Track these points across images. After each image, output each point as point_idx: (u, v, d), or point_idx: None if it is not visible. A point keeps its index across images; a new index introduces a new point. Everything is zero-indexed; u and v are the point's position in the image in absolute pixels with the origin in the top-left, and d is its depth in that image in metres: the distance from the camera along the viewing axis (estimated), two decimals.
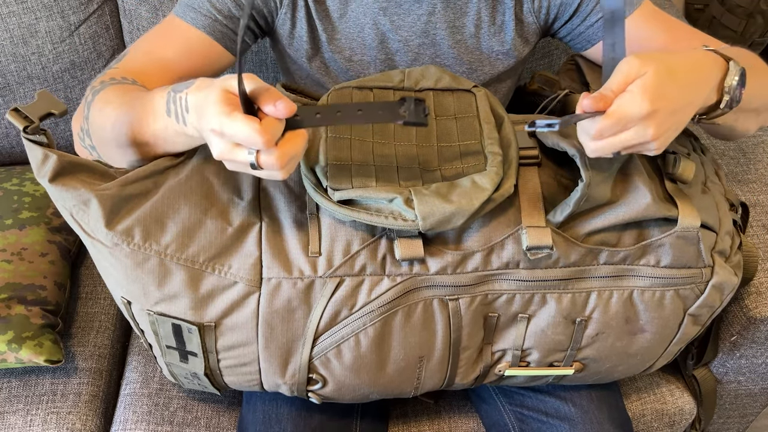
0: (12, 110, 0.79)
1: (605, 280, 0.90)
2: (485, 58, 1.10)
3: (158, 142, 0.83)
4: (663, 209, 0.87)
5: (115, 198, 0.82)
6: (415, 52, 1.09)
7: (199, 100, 0.73)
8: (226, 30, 1.03)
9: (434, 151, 0.89)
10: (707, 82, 0.83)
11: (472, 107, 0.93)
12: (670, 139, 0.79)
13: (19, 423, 1.15)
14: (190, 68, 1.02)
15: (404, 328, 0.89)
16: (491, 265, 0.87)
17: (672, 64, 0.77)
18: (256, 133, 0.68)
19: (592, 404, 1.09)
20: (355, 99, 0.92)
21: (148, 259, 0.83)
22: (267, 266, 0.85)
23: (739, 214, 1.00)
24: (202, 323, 0.87)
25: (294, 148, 0.71)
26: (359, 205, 0.82)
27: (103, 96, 0.88)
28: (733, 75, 0.84)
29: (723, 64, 0.85)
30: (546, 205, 0.88)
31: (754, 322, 1.13)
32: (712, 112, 0.88)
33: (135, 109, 0.82)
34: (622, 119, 0.75)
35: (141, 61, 0.99)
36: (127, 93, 0.87)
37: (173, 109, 0.77)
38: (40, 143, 0.80)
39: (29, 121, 0.79)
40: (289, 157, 0.71)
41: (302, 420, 1.05)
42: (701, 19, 2.17)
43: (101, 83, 0.91)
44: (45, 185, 0.82)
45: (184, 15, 1.02)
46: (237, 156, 0.71)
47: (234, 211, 0.85)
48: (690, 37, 1.06)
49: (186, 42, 1.02)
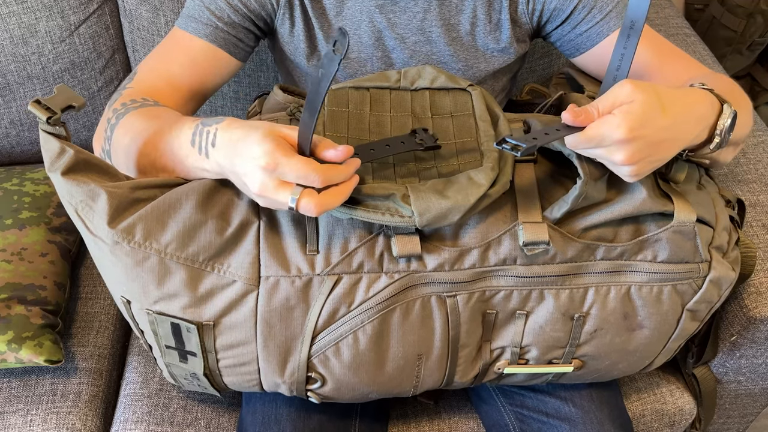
0: (34, 101, 0.79)
1: (603, 276, 0.90)
2: (481, 56, 1.11)
3: (177, 168, 0.86)
4: (659, 204, 0.88)
5: (123, 198, 0.83)
6: (411, 50, 1.09)
7: (234, 137, 0.76)
8: (228, 36, 1.05)
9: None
10: (700, 121, 0.84)
11: (468, 105, 0.93)
12: (646, 169, 0.80)
13: (19, 423, 1.15)
14: (197, 79, 1.05)
15: (402, 326, 0.89)
16: (488, 261, 0.87)
17: (665, 97, 0.79)
18: (314, 172, 0.72)
19: (592, 404, 1.09)
20: (352, 99, 0.92)
21: (148, 258, 0.84)
22: (265, 264, 0.85)
23: (736, 211, 1.01)
24: (201, 322, 0.87)
25: (334, 202, 0.75)
26: (356, 202, 0.82)
27: (127, 121, 0.91)
28: (726, 118, 0.86)
29: (718, 106, 0.86)
30: (542, 201, 0.88)
31: (754, 322, 1.13)
32: (700, 150, 0.89)
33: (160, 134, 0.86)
34: (594, 138, 0.76)
35: (149, 79, 1.02)
36: (153, 118, 0.90)
37: (197, 141, 0.80)
38: (58, 135, 0.81)
39: (51, 113, 0.79)
40: (326, 208, 0.75)
41: (301, 421, 1.05)
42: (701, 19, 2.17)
43: (123, 105, 0.94)
44: (55, 178, 0.83)
45: (186, 26, 1.05)
46: (279, 196, 0.74)
47: (233, 211, 0.85)
48: (676, 61, 1.07)
49: (189, 53, 1.04)
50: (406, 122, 0.91)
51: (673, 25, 1.63)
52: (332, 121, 0.89)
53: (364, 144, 0.82)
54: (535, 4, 1.08)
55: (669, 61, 1.07)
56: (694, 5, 2.19)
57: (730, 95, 0.90)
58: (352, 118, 0.91)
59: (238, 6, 1.04)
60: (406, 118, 0.92)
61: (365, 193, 0.81)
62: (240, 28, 1.06)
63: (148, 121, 0.89)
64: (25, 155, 1.48)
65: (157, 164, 0.87)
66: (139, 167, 0.89)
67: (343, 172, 0.75)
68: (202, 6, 1.04)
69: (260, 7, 1.06)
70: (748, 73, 2.27)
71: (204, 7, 1.04)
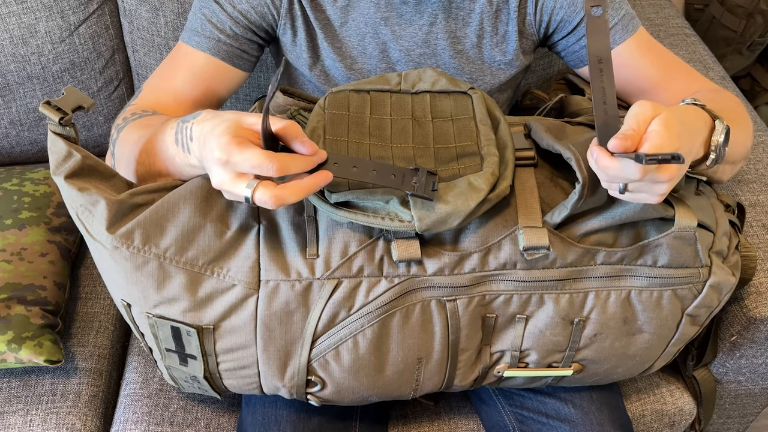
0: (44, 103, 0.79)
1: (603, 281, 0.90)
2: (486, 68, 1.11)
3: (170, 170, 0.86)
4: (660, 209, 0.88)
5: (122, 204, 0.83)
6: (416, 62, 1.09)
7: (204, 130, 0.76)
8: (231, 48, 1.05)
9: (431, 152, 0.89)
10: (696, 136, 0.84)
11: (469, 109, 0.93)
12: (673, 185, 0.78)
13: (19, 423, 1.15)
14: (201, 92, 1.06)
15: (402, 330, 0.89)
16: (488, 265, 0.87)
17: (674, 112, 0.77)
18: (267, 160, 0.70)
19: (592, 405, 1.09)
20: (352, 102, 0.92)
21: (148, 263, 0.84)
22: (265, 269, 0.85)
23: (735, 215, 1.00)
24: (201, 326, 0.88)
25: (292, 196, 0.73)
26: (356, 206, 0.82)
27: (125, 133, 0.92)
28: (719, 133, 0.85)
29: (710, 122, 0.86)
30: (543, 206, 0.88)
31: (754, 322, 1.13)
32: (698, 166, 0.89)
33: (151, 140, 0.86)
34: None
35: (154, 96, 1.03)
36: (145, 127, 0.90)
37: (180, 139, 0.81)
38: (68, 137, 0.81)
39: (63, 113, 0.79)
40: (284, 201, 0.72)
41: (301, 422, 1.05)
42: (701, 19, 2.17)
43: (123, 120, 0.95)
44: (59, 181, 0.83)
45: (189, 40, 1.06)
46: (235, 188, 0.73)
47: (232, 215, 0.85)
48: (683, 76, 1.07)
49: (192, 67, 1.05)
50: (406, 125, 0.91)
51: (673, 25, 1.63)
52: (332, 125, 0.89)
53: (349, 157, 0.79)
54: (542, 15, 1.08)
55: (675, 76, 1.07)
56: (694, 5, 2.18)
57: (729, 113, 0.89)
58: (353, 121, 0.90)
59: (238, 18, 1.04)
60: (406, 122, 0.92)
61: (365, 197, 0.81)
62: (243, 40, 1.06)
63: (142, 130, 0.90)
64: (25, 155, 1.48)
65: (153, 170, 0.88)
66: (138, 176, 0.90)
67: (302, 162, 0.74)
68: (204, 19, 1.04)
69: (261, 18, 1.06)
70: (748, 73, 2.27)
71: (206, 20, 1.04)
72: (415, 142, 0.89)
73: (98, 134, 1.47)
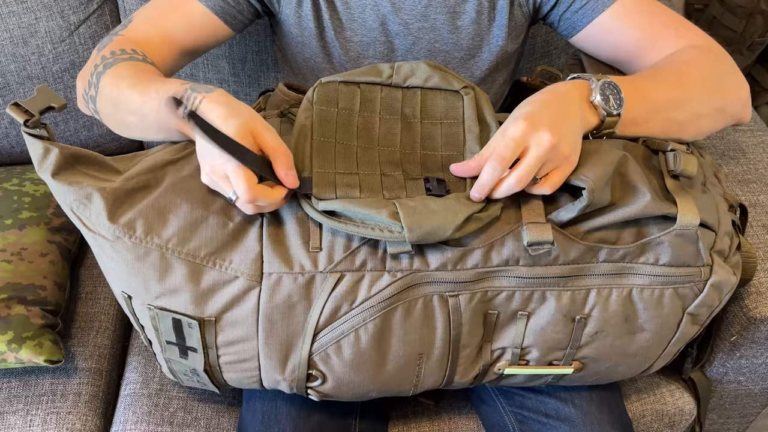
0: (12, 104, 0.81)
1: (604, 278, 0.90)
2: (484, 45, 1.11)
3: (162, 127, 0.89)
4: (663, 207, 0.88)
5: (118, 191, 0.83)
6: (414, 36, 1.10)
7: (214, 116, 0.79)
8: (229, 7, 1.07)
9: (417, 158, 0.90)
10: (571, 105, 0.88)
11: (459, 112, 0.93)
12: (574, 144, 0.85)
13: (19, 423, 1.15)
14: (190, 40, 1.07)
15: (404, 325, 0.89)
16: (491, 261, 0.87)
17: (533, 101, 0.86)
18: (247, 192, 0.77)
19: (592, 405, 1.09)
20: (341, 95, 0.92)
21: (150, 253, 0.84)
22: (268, 261, 0.85)
23: (738, 216, 1.00)
24: (203, 318, 0.87)
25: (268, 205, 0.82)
26: (344, 216, 0.83)
27: (116, 71, 0.93)
28: (596, 92, 0.90)
29: (585, 85, 0.91)
30: (545, 203, 0.88)
31: (754, 322, 1.13)
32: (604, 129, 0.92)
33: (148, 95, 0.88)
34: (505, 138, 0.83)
35: (144, 30, 1.04)
36: (141, 73, 0.92)
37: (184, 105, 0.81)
38: (40, 137, 0.81)
39: (29, 115, 0.80)
40: (260, 210, 0.82)
41: (301, 420, 1.05)
42: (701, 20, 2.17)
43: (111, 54, 0.96)
44: (47, 180, 0.83)
45: None
46: (221, 187, 0.81)
47: (236, 207, 0.85)
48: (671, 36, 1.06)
49: (189, 15, 1.06)
50: (393, 127, 0.92)
51: None
52: (320, 124, 0.89)
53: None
54: None
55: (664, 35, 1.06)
56: (694, 5, 2.19)
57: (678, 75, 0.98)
58: (341, 119, 0.91)
59: None
60: (394, 122, 0.92)
61: (353, 209, 0.81)
62: (244, 3, 1.08)
63: (136, 77, 0.91)
64: (25, 155, 1.47)
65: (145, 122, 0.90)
66: (125, 123, 0.92)
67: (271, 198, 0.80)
68: None
69: None
70: (749, 73, 2.27)
71: None
72: (402, 146, 0.90)
73: (98, 134, 1.47)
